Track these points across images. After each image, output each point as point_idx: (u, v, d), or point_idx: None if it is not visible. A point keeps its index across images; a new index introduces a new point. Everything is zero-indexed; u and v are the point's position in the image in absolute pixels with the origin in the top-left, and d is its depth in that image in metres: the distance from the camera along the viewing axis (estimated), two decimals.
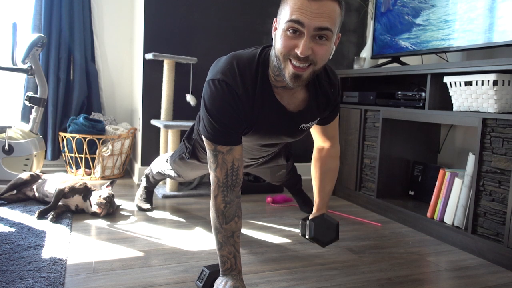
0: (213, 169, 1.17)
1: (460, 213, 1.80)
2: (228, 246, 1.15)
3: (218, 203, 1.16)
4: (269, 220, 2.03)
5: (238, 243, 1.17)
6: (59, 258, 1.41)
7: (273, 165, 1.82)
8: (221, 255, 1.16)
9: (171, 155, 1.83)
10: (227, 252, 1.16)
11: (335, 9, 1.02)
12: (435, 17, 2.12)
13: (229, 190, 1.16)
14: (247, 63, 1.15)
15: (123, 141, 2.72)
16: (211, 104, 1.13)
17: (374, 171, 2.28)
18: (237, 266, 1.16)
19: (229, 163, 1.15)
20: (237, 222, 1.17)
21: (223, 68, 1.13)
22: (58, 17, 2.77)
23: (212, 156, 1.17)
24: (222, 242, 1.16)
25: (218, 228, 1.17)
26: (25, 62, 2.45)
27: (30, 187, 2.08)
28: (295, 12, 1.01)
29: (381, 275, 1.45)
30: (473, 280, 1.46)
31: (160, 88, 2.65)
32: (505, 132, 1.59)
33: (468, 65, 1.75)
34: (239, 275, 1.15)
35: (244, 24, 2.83)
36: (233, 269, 1.15)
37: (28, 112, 2.73)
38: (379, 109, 2.23)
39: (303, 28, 1.01)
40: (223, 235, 1.16)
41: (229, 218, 1.16)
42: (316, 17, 1.00)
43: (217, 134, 1.14)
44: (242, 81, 1.13)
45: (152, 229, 1.82)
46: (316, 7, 1.00)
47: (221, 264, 1.16)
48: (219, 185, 1.16)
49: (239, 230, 1.18)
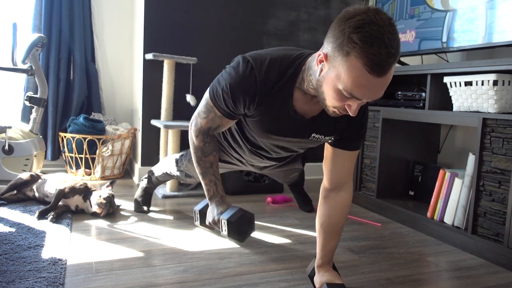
0: (201, 117, 1.31)
1: (460, 213, 1.80)
2: (208, 175, 1.36)
3: (199, 142, 1.34)
4: (269, 220, 2.03)
5: (217, 172, 1.36)
6: (59, 258, 1.41)
7: (290, 168, 1.81)
8: (204, 184, 1.37)
9: (184, 155, 1.81)
10: (208, 181, 1.36)
11: (393, 69, 0.95)
12: (435, 17, 2.12)
13: (208, 135, 1.35)
14: (279, 60, 1.15)
15: (123, 141, 2.72)
16: (229, 77, 1.18)
17: (374, 171, 2.28)
18: (219, 192, 1.36)
19: (215, 124, 1.30)
20: (214, 156, 1.36)
21: (259, 53, 1.18)
22: (58, 17, 2.77)
23: (205, 109, 1.29)
24: (203, 172, 1.36)
25: (198, 161, 1.35)
26: (25, 62, 2.45)
27: (30, 187, 2.08)
28: (356, 89, 0.93)
29: (381, 275, 1.45)
30: (473, 280, 1.46)
31: (160, 88, 2.65)
32: (505, 132, 1.59)
33: (468, 65, 1.75)
34: (222, 199, 1.36)
35: (244, 24, 2.83)
36: (216, 195, 1.36)
37: (28, 112, 2.73)
38: (379, 109, 2.23)
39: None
40: (203, 166, 1.36)
41: (208, 153, 1.35)
42: (376, 93, 0.95)
43: (219, 101, 1.23)
44: (266, 72, 1.14)
45: (152, 229, 1.82)
46: (380, 82, 0.93)
47: (206, 194, 1.37)
48: (200, 130, 1.32)
49: (216, 162, 1.37)
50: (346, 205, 1.30)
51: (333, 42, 0.96)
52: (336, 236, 1.31)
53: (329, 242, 1.31)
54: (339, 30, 0.94)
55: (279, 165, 1.68)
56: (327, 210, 1.30)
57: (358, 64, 0.91)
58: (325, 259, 1.31)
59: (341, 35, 0.93)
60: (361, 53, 0.90)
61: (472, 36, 1.92)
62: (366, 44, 0.89)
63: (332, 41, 0.96)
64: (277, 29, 2.92)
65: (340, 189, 1.30)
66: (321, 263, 1.31)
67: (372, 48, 0.89)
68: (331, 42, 0.96)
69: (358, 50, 0.90)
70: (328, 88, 1.00)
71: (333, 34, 0.96)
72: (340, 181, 1.29)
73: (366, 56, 0.90)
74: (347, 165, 1.28)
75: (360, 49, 0.90)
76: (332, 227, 1.30)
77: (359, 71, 0.91)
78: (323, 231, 1.31)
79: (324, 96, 1.03)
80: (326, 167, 1.30)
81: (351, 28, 0.91)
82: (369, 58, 0.90)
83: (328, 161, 1.29)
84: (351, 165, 1.29)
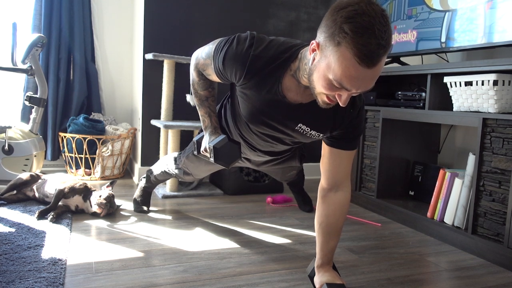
0: (200, 56, 1.33)
1: (460, 213, 1.80)
2: (204, 107, 1.44)
3: (195, 76, 1.40)
4: (269, 220, 2.03)
5: (212, 105, 1.45)
6: (59, 258, 1.41)
7: (287, 166, 1.81)
8: (200, 115, 1.46)
9: (183, 152, 1.82)
10: (203, 112, 1.45)
11: (384, 61, 0.94)
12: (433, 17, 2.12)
13: (202, 74, 1.39)
14: (278, 44, 1.16)
15: (123, 141, 2.72)
16: (230, 45, 1.19)
17: (374, 171, 2.28)
18: (212, 123, 1.44)
19: (207, 72, 1.34)
20: (210, 91, 1.43)
21: (262, 35, 1.21)
22: (58, 17, 2.77)
23: (206, 55, 1.30)
24: (199, 104, 1.45)
25: (195, 93, 1.44)
26: (25, 62, 2.45)
27: (30, 187, 2.08)
28: (346, 79, 0.94)
29: (381, 275, 1.45)
30: (473, 280, 1.46)
31: (160, 88, 2.65)
32: (505, 132, 1.59)
33: (468, 65, 1.75)
34: (214, 130, 1.44)
35: (244, 24, 2.83)
36: (209, 126, 1.44)
37: (28, 112, 2.73)
38: (379, 109, 2.23)
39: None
40: (199, 98, 1.44)
41: (204, 88, 1.42)
42: (366, 84, 0.95)
43: (216, 59, 1.24)
44: (262, 50, 1.15)
45: (152, 229, 1.82)
46: (370, 73, 0.93)
47: (202, 124, 1.47)
48: (197, 66, 1.37)
49: (212, 96, 1.44)
50: (344, 204, 1.30)
51: (325, 31, 0.96)
52: (336, 236, 1.31)
53: (328, 242, 1.30)
54: (331, 20, 0.94)
55: (276, 162, 1.68)
56: (325, 210, 1.30)
57: (348, 54, 0.91)
58: (325, 259, 1.31)
59: (333, 24, 0.93)
60: (351, 43, 0.90)
61: (472, 36, 1.92)
62: (357, 35, 0.89)
63: (325, 30, 0.96)
64: (277, 29, 2.92)
65: (338, 189, 1.30)
66: (321, 263, 1.31)
67: (362, 39, 0.89)
68: (324, 32, 0.97)
69: (348, 40, 0.90)
70: (319, 77, 1.00)
71: (326, 24, 0.96)
72: (337, 181, 1.29)
73: (356, 46, 0.90)
74: (344, 165, 1.28)
75: (350, 39, 0.90)
76: (331, 227, 1.30)
77: (349, 62, 0.92)
78: (322, 231, 1.30)
79: (315, 85, 1.03)
80: (323, 167, 1.31)
81: (342, 18, 0.91)
82: (358, 49, 0.90)
83: (325, 161, 1.29)
84: (348, 165, 1.29)
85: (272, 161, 1.65)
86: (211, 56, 1.27)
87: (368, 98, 2.29)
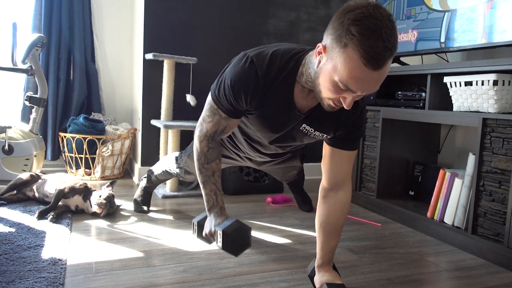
0: (206, 122, 1.28)
1: (460, 213, 1.80)
2: (209, 184, 1.29)
3: (202, 147, 1.29)
4: (269, 220, 2.03)
5: (218, 182, 1.31)
6: (59, 258, 1.41)
7: (288, 165, 1.81)
8: (205, 193, 1.30)
9: (184, 151, 1.82)
10: (209, 190, 1.29)
11: (389, 65, 0.95)
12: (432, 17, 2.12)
13: (213, 140, 1.30)
14: (280, 54, 1.16)
15: (123, 141, 2.72)
16: (231, 75, 1.17)
17: (374, 171, 2.28)
18: (218, 203, 1.29)
19: (221, 126, 1.26)
20: (217, 163, 1.31)
21: (260, 49, 1.18)
22: (58, 17, 2.77)
23: (210, 112, 1.26)
24: (204, 181, 1.30)
25: (200, 169, 1.30)
26: (25, 62, 2.45)
27: (30, 187, 2.08)
28: (352, 81, 0.94)
29: (381, 275, 1.45)
30: (473, 280, 1.46)
31: (160, 88, 2.65)
32: (505, 132, 1.59)
33: (468, 65, 1.75)
34: (221, 211, 1.28)
35: (244, 24, 2.83)
36: (215, 206, 1.28)
37: (28, 112, 2.73)
38: (379, 109, 2.23)
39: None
40: (205, 174, 1.30)
41: (211, 160, 1.29)
42: (371, 86, 0.96)
43: (222, 100, 1.21)
44: (268, 66, 1.14)
45: (152, 229, 1.82)
46: (375, 76, 0.94)
47: (206, 204, 1.29)
48: (206, 135, 1.28)
49: (219, 170, 1.32)
50: (345, 204, 1.30)
51: (332, 34, 0.97)
52: (336, 236, 1.31)
53: (329, 241, 1.30)
54: (338, 22, 0.95)
55: (277, 162, 1.68)
56: (326, 210, 1.30)
57: (354, 56, 0.92)
58: (325, 259, 1.31)
59: (340, 27, 0.94)
60: (358, 45, 0.91)
61: (472, 36, 1.92)
62: (364, 37, 0.90)
63: (332, 33, 0.97)
64: (277, 29, 2.92)
65: (339, 189, 1.30)
66: (321, 263, 1.31)
67: (369, 41, 0.90)
68: (330, 34, 0.98)
69: (355, 42, 0.91)
70: (325, 79, 1.01)
71: (333, 26, 0.97)
72: (338, 181, 1.29)
73: (362, 48, 0.91)
74: (345, 165, 1.28)
75: (357, 41, 0.91)
76: (332, 226, 1.30)
77: (355, 63, 0.92)
78: (323, 231, 1.31)
79: (320, 88, 1.04)
80: (324, 167, 1.31)
81: (350, 20, 0.92)
82: (365, 51, 0.91)
83: (327, 161, 1.29)
84: (350, 165, 1.29)
85: (273, 161, 1.66)
86: (215, 107, 1.24)
87: (368, 98, 2.29)
